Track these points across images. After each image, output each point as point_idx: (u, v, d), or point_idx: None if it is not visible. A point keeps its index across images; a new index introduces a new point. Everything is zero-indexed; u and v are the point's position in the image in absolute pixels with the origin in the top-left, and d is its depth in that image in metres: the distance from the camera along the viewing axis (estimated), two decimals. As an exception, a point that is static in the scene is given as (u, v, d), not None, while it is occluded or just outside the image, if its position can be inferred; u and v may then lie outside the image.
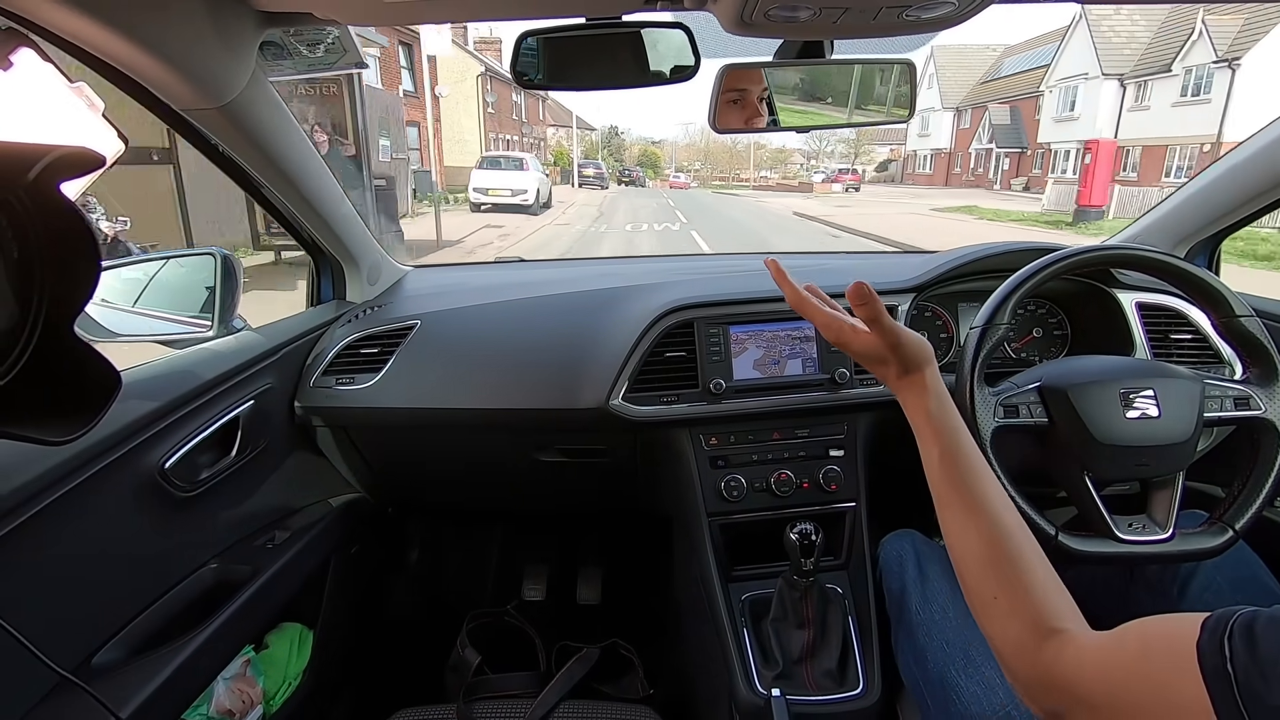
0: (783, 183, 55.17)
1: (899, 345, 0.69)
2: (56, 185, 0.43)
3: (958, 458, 0.64)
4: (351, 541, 1.31)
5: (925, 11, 0.71)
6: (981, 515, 0.60)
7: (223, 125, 0.89)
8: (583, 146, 45.14)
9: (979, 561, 0.59)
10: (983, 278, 1.22)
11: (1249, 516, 0.79)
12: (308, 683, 1.15)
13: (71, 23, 0.65)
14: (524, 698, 1.02)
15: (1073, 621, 0.53)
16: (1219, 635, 0.42)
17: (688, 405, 1.13)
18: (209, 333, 1.09)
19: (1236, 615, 0.42)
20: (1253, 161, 1.12)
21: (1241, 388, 0.84)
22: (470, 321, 1.28)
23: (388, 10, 0.78)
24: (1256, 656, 0.40)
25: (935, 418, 0.66)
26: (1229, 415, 0.83)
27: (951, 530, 0.62)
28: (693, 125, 78.17)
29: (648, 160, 62.14)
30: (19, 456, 0.69)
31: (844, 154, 66.69)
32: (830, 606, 1.03)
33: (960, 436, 0.66)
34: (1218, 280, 0.84)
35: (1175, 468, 0.83)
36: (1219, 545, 0.79)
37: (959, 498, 0.62)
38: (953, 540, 0.62)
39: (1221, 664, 0.41)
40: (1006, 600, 0.56)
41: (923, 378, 0.69)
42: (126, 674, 0.79)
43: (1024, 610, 0.54)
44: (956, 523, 0.62)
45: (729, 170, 65.27)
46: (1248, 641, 0.41)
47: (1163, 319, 1.19)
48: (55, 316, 0.47)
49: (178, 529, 0.94)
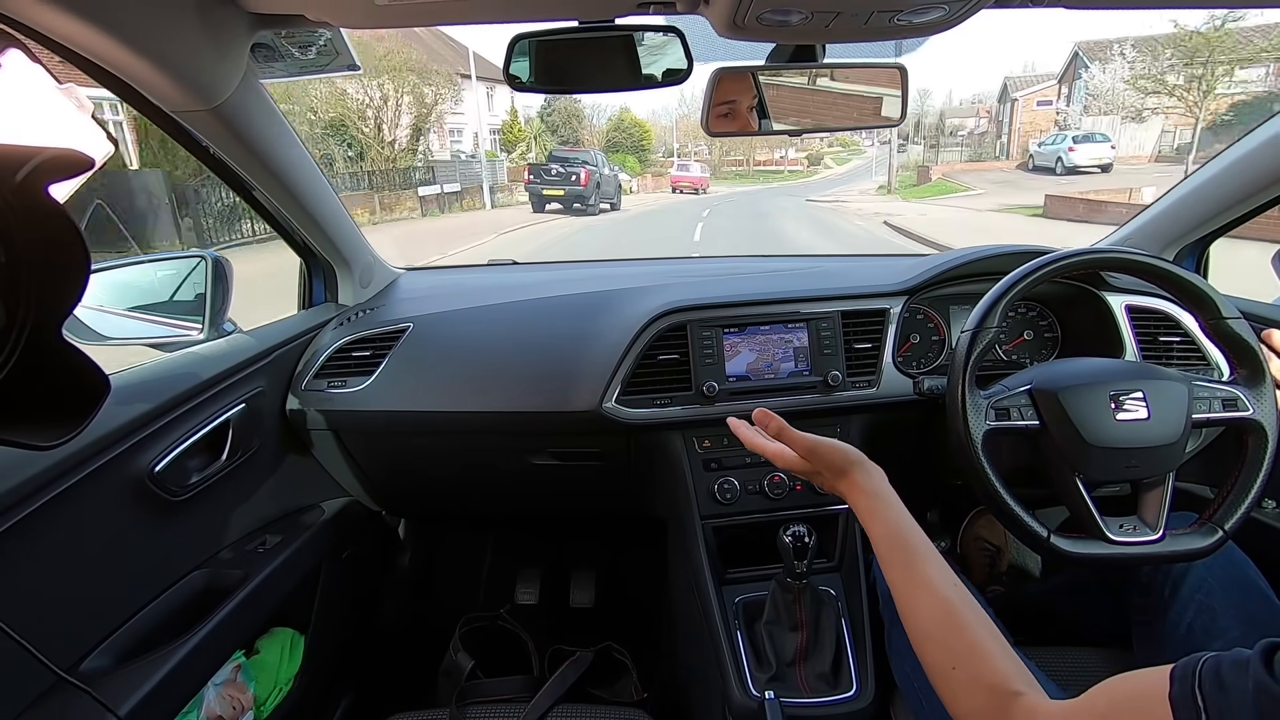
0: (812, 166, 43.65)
1: (814, 454, 0.73)
2: (44, 187, 0.43)
3: (902, 547, 0.66)
4: (343, 545, 1.31)
5: (917, 16, 0.72)
6: (929, 592, 0.63)
7: (214, 127, 0.89)
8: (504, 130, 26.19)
9: (931, 636, 0.61)
10: (974, 280, 1.22)
11: (1238, 517, 0.80)
12: (299, 688, 1.14)
13: (61, 24, 0.65)
14: (517, 702, 1.02)
15: (1028, 686, 0.54)
16: (1190, 685, 0.42)
17: (681, 408, 1.13)
18: (199, 335, 1.08)
19: (1202, 662, 0.43)
20: (1241, 164, 1.13)
21: (1229, 389, 0.84)
22: (463, 324, 1.27)
23: (380, 13, 0.78)
24: (1229, 702, 0.40)
25: (875, 514, 0.69)
26: (1217, 416, 0.83)
27: (905, 609, 0.64)
28: (688, 93, 42.90)
29: (628, 142, 35.03)
30: (7, 461, 0.69)
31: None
32: (823, 609, 1.03)
33: (901, 525, 0.68)
34: (1205, 283, 0.85)
35: (1165, 469, 0.84)
36: (1209, 545, 0.80)
37: (908, 578, 0.65)
38: (907, 618, 0.64)
39: (1196, 716, 0.41)
40: (964, 670, 0.57)
41: (853, 481, 0.72)
42: (114, 681, 0.78)
43: (983, 677, 0.56)
44: (907, 602, 0.64)
45: (745, 153, 46.43)
46: (1218, 687, 0.41)
47: (1152, 321, 1.20)
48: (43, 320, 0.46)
49: (168, 533, 0.93)
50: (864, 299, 1.19)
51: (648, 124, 39.14)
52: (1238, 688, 0.40)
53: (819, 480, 0.75)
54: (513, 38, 0.83)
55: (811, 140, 53.27)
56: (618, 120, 37.32)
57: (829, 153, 54.43)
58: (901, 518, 0.68)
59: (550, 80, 0.87)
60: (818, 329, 1.16)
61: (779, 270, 1.44)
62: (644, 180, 31.29)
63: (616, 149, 34.83)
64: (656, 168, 36.32)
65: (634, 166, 33.96)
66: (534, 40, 0.84)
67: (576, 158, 17.20)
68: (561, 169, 16.23)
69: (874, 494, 0.70)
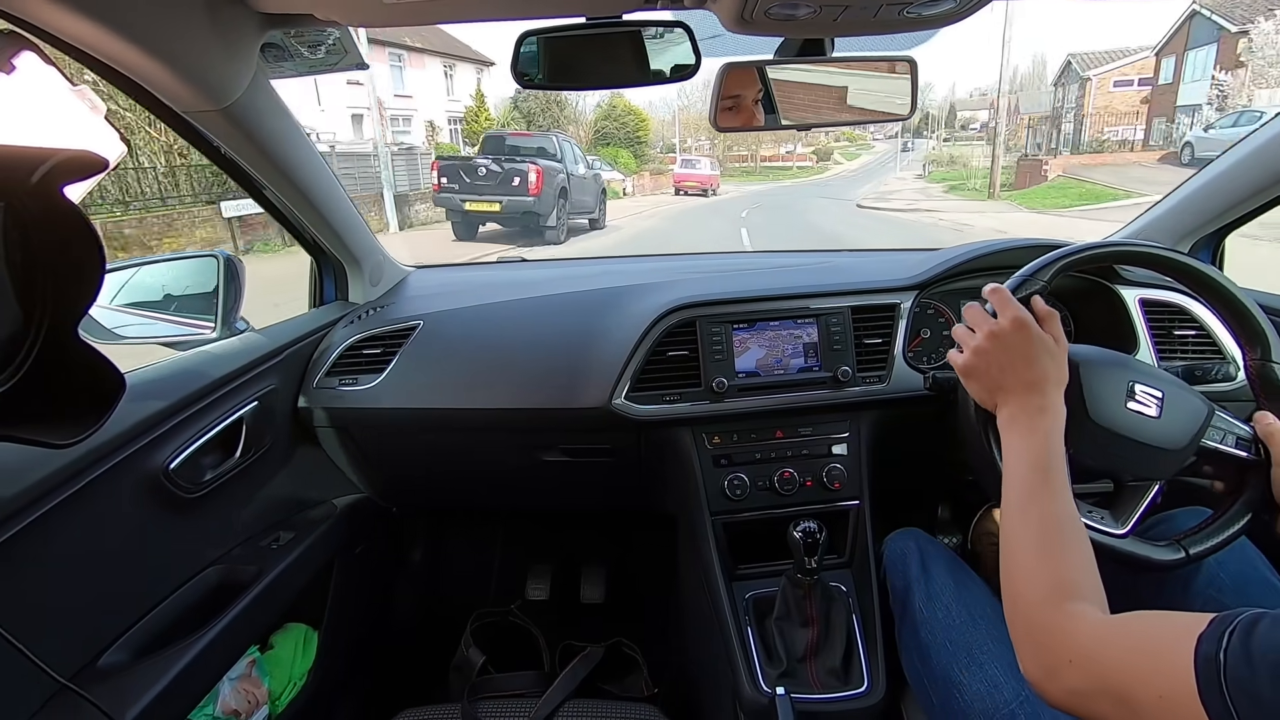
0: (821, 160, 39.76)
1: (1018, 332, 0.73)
2: (60, 188, 0.44)
3: (1047, 468, 0.67)
4: (355, 542, 1.32)
5: (927, 8, 0.71)
6: (1055, 502, 0.64)
7: (225, 127, 0.89)
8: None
9: (1032, 529, 0.63)
10: (985, 275, 1.21)
11: (1208, 547, 0.77)
12: (313, 683, 1.15)
13: (73, 26, 0.65)
14: (528, 697, 1.02)
15: (1093, 600, 0.56)
16: (1222, 628, 0.43)
17: (690, 404, 1.13)
18: (212, 334, 1.09)
19: (1245, 613, 0.44)
20: (1257, 156, 1.11)
21: (1248, 429, 0.81)
22: (472, 322, 1.28)
23: (388, 11, 0.79)
24: (1249, 646, 0.41)
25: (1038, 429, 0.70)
26: (1227, 450, 0.80)
27: (1019, 510, 0.66)
28: (688, 84, 24.29)
29: (621, 133, 29.68)
30: (25, 459, 0.70)
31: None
32: (834, 605, 1.03)
33: (1056, 450, 0.69)
34: (1264, 318, 0.81)
35: (1152, 475, 0.82)
36: (1167, 561, 0.77)
37: (1042, 488, 0.66)
38: (1016, 518, 0.65)
39: (1214, 651, 0.42)
40: (1046, 562, 0.59)
41: (1046, 395, 0.72)
42: (132, 676, 0.79)
43: (1057, 573, 0.58)
44: (1025, 504, 0.66)
45: (749, 149, 42.81)
46: (1246, 634, 0.42)
47: (1166, 315, 1.19)
48: (59, 319, 0.47)
49: (183, 530, 0.94)
50: (874, 294, 1.18)
51: (644, 112, 32.55)
52: (1267, 638, 0.41)
53: (980, 382, 0.76)
54: (521, 34, 0.83)
55: (817, 135, 50.24)
56: (608, 108, 30.83)
57: (837, 147, 52.36)
58: (1059, 442, 0.69)
59: (559, 77, 0.87)
60: (828, 324, 1.15)
61: (788, 265, 1.44)
62: (640, 180, 25.58)
63: (608, 141, 29.58)
64: (655, 164, 31.31)
65: (628, 163, 27.66)
66: (542, 37, 0.84)
67: (528, 145, 11.11)
68: (496, 167, 9.84)
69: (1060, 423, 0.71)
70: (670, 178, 24.46)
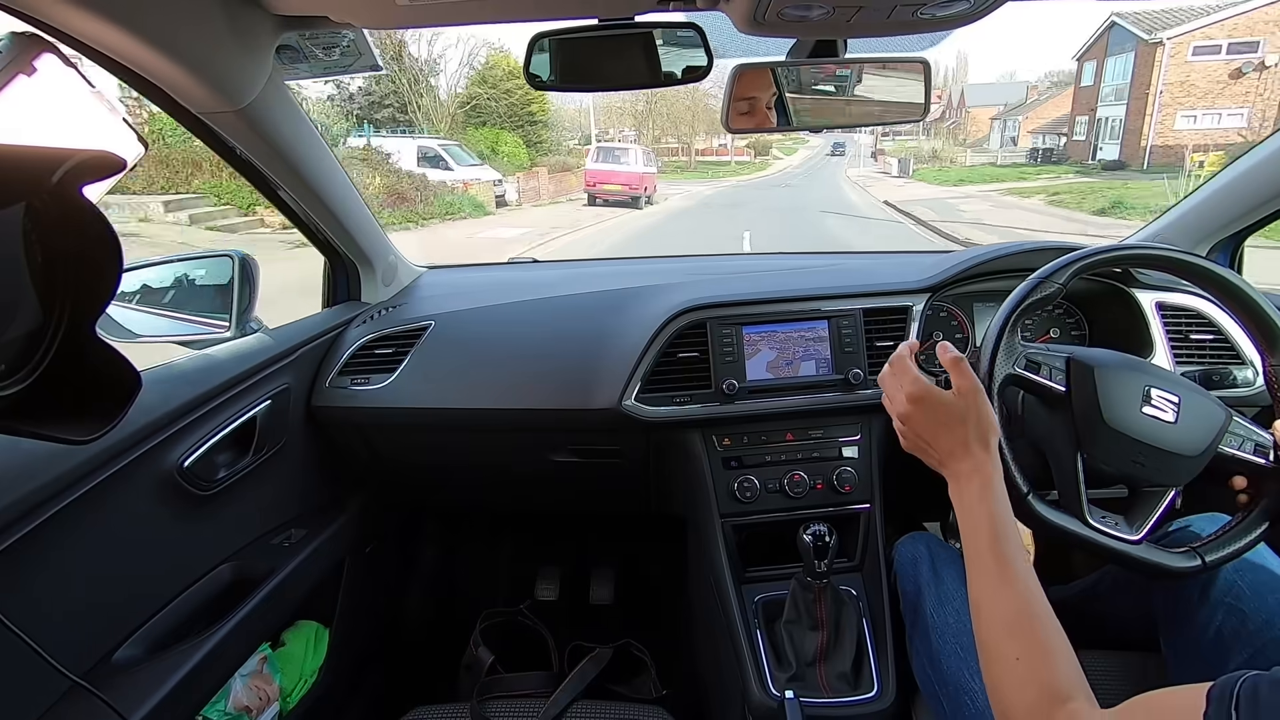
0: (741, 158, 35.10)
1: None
2: (79, 189, 0.44)
3: (1005, 538, 0.67)
4: (367, 540, 1.32)
5: (940, 9, 0.71)
6: (1015, 585, 0.63)
7: (240, 128, 0.90)
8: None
9: (1007, 624, 0.61)
10: (999, 277, 1.20)
11: (1225, 555, 0.76)
12: (324, 680, 1.16)
13: (92, 28, 0.66)
14: (537, 697, 1.03)
15: (1083, 697, 0.54)
16: (1226, 705, 0.42)
17: (700, 406, 1.13)
18: (227, 333, 1.10)
19: (1241, 681, 0.43)
20: (1277, 157, 1.10)
21: (1267, 436, 0.80)
22: (483, 322, 1.28)
23: (402, 13, 0.79)
24: (1258, 718, 0.40)
25: (987, 499, 0.69)
26: (1244, 457, 0.80)
27: (986, 596, 0.65)
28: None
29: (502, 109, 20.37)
30: (42, 456, 0.70)
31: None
32: (844, 608, 1.02)
33: (1006, 518, 0.68)
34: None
35: (1168, 482, 0.81)
36: (1183, 569, 0.77)
37: (998, 569, 0.65)
38: (984, 605, 0.64)
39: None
40: (1027, 664, 0.58)
41: (976, 464, 0.71)
42: (145, 672, 0.80)
43: (1041, 676, 0.56)
44: (991, 590, 0.64)
45: (681, 141, 34.95)
46: (1251, 704, 0.41)
47: (1183, 319, 1.18)
48: (78, 317, 0.47)
49: (196, 527, 0.95)
50: (886, 296, 1.18)
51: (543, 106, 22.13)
52: (1273, 706, 0.40)
53: (927, 452, 0.75)
54: (533, 36, 0.84)
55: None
56: (482, 72, 20.89)
57: (773, 142, 49.35)
58: (1007, 511, 0.69)
59: (570, 78, 0.88)
60: (839, 327, 1.15)
61: (800, 268, 1.43)
62: (532, 178, 16.66)
63: (483, 118, 19.99)
64: (562, 157, 21.23)
65: (517, 153, 19.03)
66: (554, 39, 0.84)
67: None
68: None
69: (991, 483, 0.70)
70: (581, 176, 16.39)
